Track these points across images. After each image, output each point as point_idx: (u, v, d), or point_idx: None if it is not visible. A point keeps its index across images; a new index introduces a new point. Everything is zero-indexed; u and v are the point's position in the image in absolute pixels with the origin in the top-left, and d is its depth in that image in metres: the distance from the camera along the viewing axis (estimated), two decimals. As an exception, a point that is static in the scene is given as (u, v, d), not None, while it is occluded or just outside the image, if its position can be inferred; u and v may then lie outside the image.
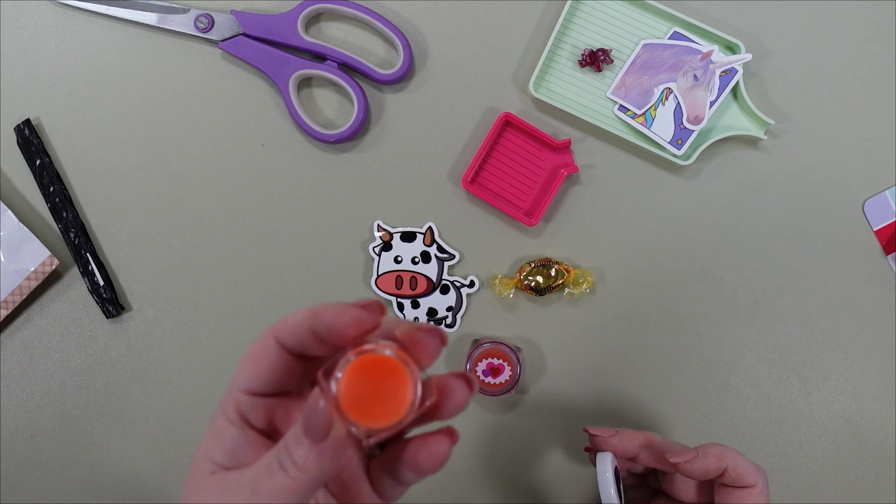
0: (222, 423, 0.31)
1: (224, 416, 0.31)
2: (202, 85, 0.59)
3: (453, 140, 0.59)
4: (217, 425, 0.31)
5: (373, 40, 0.59)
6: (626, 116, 0.57)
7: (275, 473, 0.28)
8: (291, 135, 0.59)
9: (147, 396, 0.59)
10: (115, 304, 0.58)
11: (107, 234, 0.59)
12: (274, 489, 0.28)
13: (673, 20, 0.57)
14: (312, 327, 0.29)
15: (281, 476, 0.28)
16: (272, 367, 0.31)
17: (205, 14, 0.58)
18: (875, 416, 0.58)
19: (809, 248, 0.58)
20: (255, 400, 0.31)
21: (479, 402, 0.58)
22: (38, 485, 0.59)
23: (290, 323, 0.30)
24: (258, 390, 0.31)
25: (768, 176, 0.58)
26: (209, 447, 0.31)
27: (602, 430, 0.46)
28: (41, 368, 0.59)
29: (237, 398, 0.31)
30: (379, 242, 0.58)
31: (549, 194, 0.56)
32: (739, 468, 0.42)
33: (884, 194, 0.58)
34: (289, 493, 0.28)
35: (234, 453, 0.31)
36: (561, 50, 0.58)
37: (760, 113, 0.56)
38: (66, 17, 0.59)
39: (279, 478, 0.28)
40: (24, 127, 0.58)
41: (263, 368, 0.31)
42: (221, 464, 0.31)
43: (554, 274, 0.57)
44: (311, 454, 0.27)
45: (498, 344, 0.54)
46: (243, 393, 0.31)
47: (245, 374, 0.31)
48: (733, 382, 0.58)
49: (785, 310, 0.58)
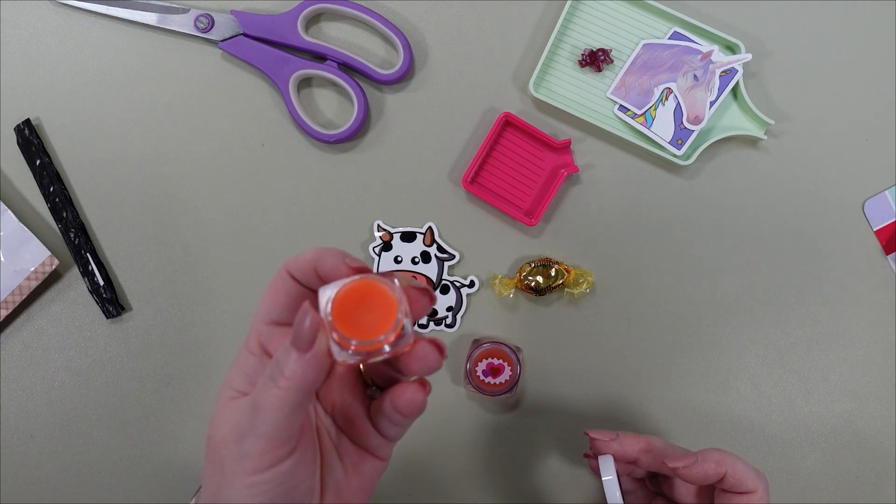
0: (244, 353, 0.34)
1: (246, 348, 0.34)
2: (202, 85, 0.59)
3: (453, 140, 0.59)
4: (241, 356, 0.34)
5: (373, 40, 0.59)
6: (626, 116, 0.57)
7: (268, 386, 0.30)
8: (291, 135, 0.59)
9: (147, 396, 0.59)
10: (115, 304, 0.58)
11: (107, 234, 0.59)
12: (268, 401, 0.30)
13: (673, 20, 0.57)
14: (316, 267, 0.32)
15: (272, 387, 0.30)
16: (289, 295, 0.34)
17: (205, 14, 0.58)
18: (875, 416, 0.58)
19: (809, 247, 0.58)
20: (276, 329, 0.34)
21: (479, 402, 0.58)
22: (38, 485, 0.59)
23: (300, 259, 0.33)
24: (279, 319, 0.34)
25: (768, 176, 0.58)
26: (233, 376, 0.34)
27: (603, 434, 0.46)
28: (41, 368, 0.59)
29: (258, 329, 0.34)
30: (379, 242, 0.58)
31: (549, 194, 0.56)
32: (739, 474, 0.42)
33: (884, 194, 0.58)
34: (280, 402, 0.30)
35: (253, 380, 0.34)
36: (561, 50, 0.58)
37: (760, 113, 0.56)
38: (66, 17, 0.59)
39: (271, 389, 0.30)
40: (24, 127, 0.58)
41: (281, 297, 0.34)
42: (241, 390, 0.33)
43: (554, 274, 0.57)
44: (298, 364, 0.30)
45: (498, 344, 0.54)
46: (264, 324, 0.34)
47: (265, 306, 0.34)
48: (733, 382, 0.58)
49: (785, 310, 0.58)
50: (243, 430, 0.31)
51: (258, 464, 0.31)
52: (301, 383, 0.30)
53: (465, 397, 0.58)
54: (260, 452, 0.30)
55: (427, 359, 0.32)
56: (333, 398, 0.36)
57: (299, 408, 0.31)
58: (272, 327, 0.34)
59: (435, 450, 0.58)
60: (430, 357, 0.32)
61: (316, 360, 0.30)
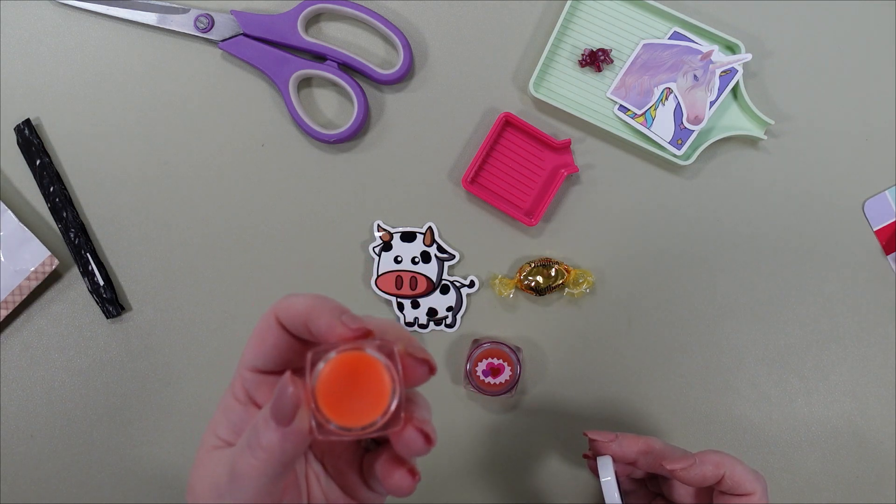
0: (230, 400, 0.32)
1: (232, 394, 0.32)
2: (202, 85, 0.59)
3: (453, 140, 0.59)
4: (225, 402, 0.33)
5: (373, 40, 0.59)
6: (626, 116, 0.57)
7: (245, 454, 0.29)
8: (291, 135, 0.59)
9: (147, 396, 0.59)
10: (115, 304, 0.58)
11: (107, 234, 0.59)
12: (245, 470, 0.29)
13: (673, 20, 0.57)
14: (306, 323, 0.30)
15: (249, 457, 0.29)
16: (276, 345, 0.31)
17: (205, 14, 0.58)
18: (875, 416, 0.58)
19: (809, 247, 0.58)
20: (261, 378, 0.32)
21: (479, 402, 0.58)
22: (38, 485, 0.59)
23: (290, 308, 0.30)
24: (264, 368, 0.32)
25: (768, 176, 0.58)
26: (217, 422, 0.32)
27: (602, 435, 0.46)
28: (41, 368, 0.59)
29: (244, 376, 0.32)
30: (379, 242, 0.58)
31: (549, 194, 0.56)
32: (737, 476, 0.42)
33: (884, 194, 0.58)
34: (256, 473, 0.29)
35: (238, 429, 0.32)
36: (561, 50, 0.58)
37: (760, 113, 0.56)
38: (66, 18, 0.59)
39: (248, 459, 0.29)
40: (24, 127, 0.58)
41: (268, 346, 0.31)
42: (226, 439, 0.32)
43: (554, 274, 0.57)
44: (276, 437, 0.28)
45: (498, 344, 0.54)
46: (249, 371, 0.32)
47: (250, 353, 0.32)
48: (733, 382, 0.58)
49: (785, 310, 0.58)
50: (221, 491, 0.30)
51: None
52: (280, 456, 0.29)
53: (465, 397, 0.58)
54: None
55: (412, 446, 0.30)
56: (324, 445, 0.34)
57: (277, 478, 0.29)
58: (258, 375, 0.32)
59: (435, 449, 0.58)
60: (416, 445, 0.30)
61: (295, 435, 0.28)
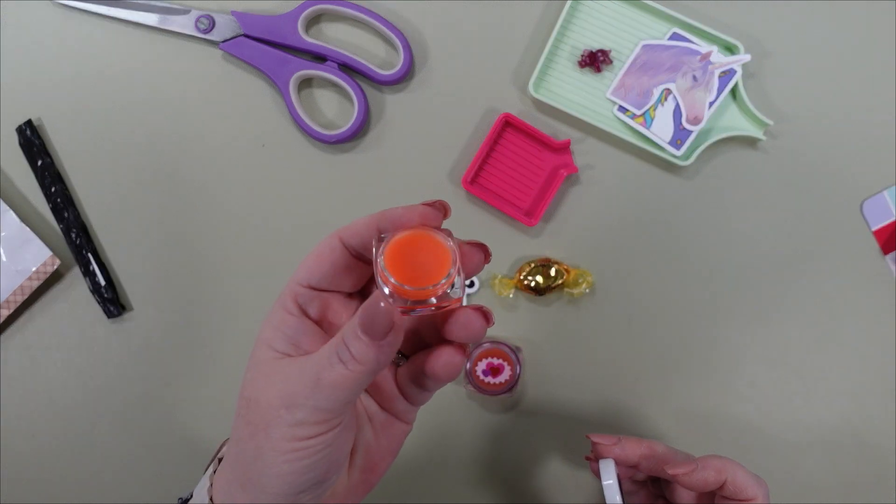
0: (282, 314, 0.34)
1: (283, 308, 0.34)
2: (203, 86, 0.59)
3: (453, 140, 0.59)
4: (277, 316, 0.34)
5: (373, 41, 0.59)
6: (626, 117, 0.57)
7: (335, 366, 0.31)
8: (292, 135, 0.59)
9: (147, 396, 0.59)
10: (117, 304, 0.58)
11: (108, 234, 0.59)
12: (335, 380, 0.31)
13: (672, 21, 0.57)
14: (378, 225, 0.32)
15: (341, 368, 0.31)
16: (334, 264, 0.34)
17: (205, 15, 0.58)
18: (875, 416, 0.58)
19: (808, 247, 0.58)
20: (312, 293, 0.34)
21: (478, 402, 0.58)
22: (38, 484, 0.59)
23: (355, 225, 0.33)
24: (317, 285, 0.34)
25: (767, 176, 0.58)
26: (270, 336, 0.34)
27: (604, 438, 0.46)
28: (42, 368, 0.59)
29: (296, 290, 0.34)
30: (379, 242, 0.58)
31: (549, 194, 0.56)
32: (739, 481, 0.42)
33: (882, 194, 0.58)
34: (348, 383, 0.31)
35: (295, 340, 0.34)
36: (561, 50, 0.58)
37: (759, 113, 0.56)
38: (67, 19, 0.60)
39: (339, 369, 0.31)
40: (26, 127, 0.58)
41: (326, 265, 0.34)
42: (283, 351, 0.34)
43: (554, 274, 0.57)
44: (371, 350, 0.30)
45: (498, 344, 0.54)
46: (302, 286, 0.34)
47: (306, 270, 0.34)
48: (733, 382, 0.58)
49: (785, 310, 0.58)
50: (297, 400, 0.31)
51: (309, 432, 0.31)
52: (373, 368, 0.31)
53: (465, 397, 0.58)
54: (314, 423, 0.31)
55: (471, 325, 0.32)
56: None
57: (363, 387, 0.32)
58: (309, 291, 0.34)
59: (434, 449, 0.58)
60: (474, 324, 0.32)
61: (388, 347, 0.31)
